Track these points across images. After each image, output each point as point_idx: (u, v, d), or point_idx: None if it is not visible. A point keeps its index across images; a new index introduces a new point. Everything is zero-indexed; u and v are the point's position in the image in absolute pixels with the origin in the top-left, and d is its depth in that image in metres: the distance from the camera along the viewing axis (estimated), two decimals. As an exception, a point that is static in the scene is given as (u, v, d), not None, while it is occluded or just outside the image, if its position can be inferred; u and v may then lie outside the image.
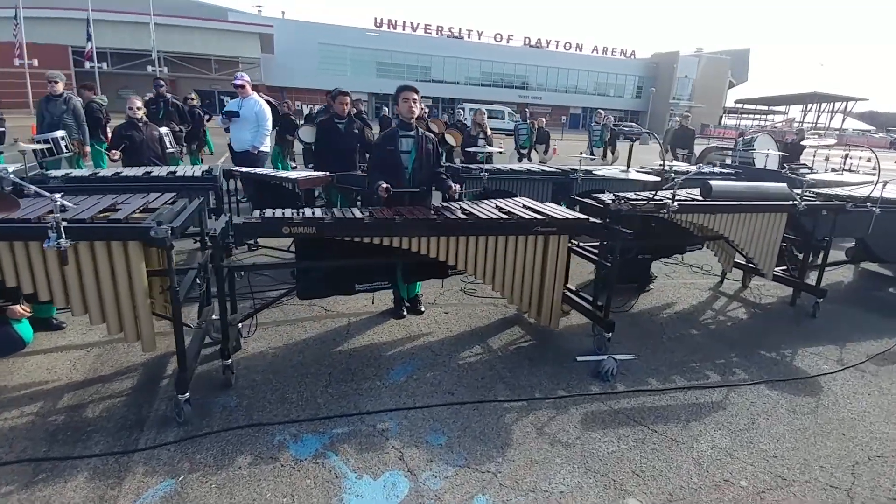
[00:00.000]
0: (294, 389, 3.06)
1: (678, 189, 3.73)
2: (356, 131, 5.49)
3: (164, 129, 7.64)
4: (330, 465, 2.45)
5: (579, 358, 3.56)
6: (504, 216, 3.31)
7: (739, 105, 44.95)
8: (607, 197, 3.86)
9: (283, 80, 39.41)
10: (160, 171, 4.97)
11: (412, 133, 3.77)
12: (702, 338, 4.00)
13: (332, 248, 3.27)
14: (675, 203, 3.65)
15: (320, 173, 5.11)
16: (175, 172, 4.91)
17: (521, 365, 3.45)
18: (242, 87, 5.89)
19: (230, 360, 3.04)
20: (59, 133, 6.73)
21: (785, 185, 4.01)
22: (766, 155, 7.41)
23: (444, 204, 3.58)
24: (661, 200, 3.73)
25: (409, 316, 4.16)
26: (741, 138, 10.69)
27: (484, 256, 3.38)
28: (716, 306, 4.71)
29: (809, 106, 32.70)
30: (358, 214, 3.13)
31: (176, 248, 3.25)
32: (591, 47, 48.14)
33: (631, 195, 3.85)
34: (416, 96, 3.70)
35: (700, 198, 3.83)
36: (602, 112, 11.63)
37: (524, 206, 3.64)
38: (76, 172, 4.97)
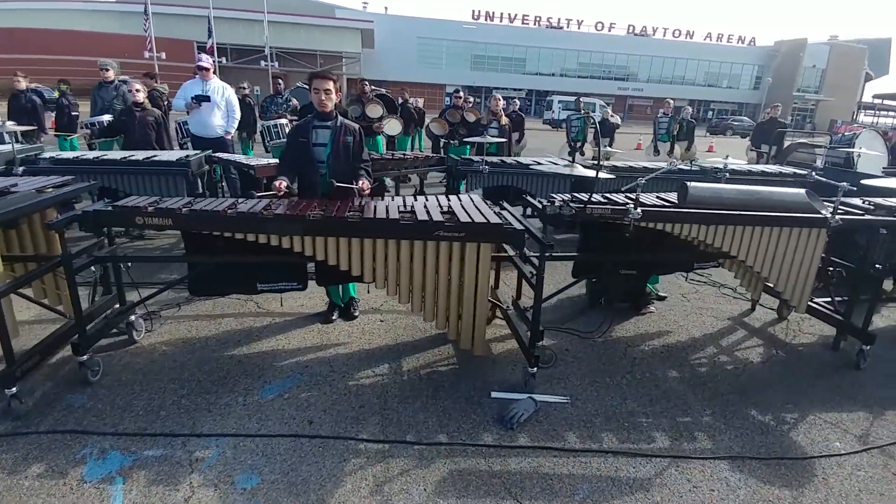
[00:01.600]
0: (147, 396, 2.76)
1: (642, 190, 2.89)
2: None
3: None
4: (108, 493, 2.10)
5: (494, 394, 2.89)
6: (401, 217, 2.74)
7: (878, 100, 38.44)
8: (562, 197, 3.11)
9: (382, 73, 40.49)
10: (140, 155, 4.98)
11: (329, 123, 3.30)
12: (678, 383, 3.12)
13: (221, 242, 2.91)
14: (639, 209, 2.83)
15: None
16: (153, 158, 4.89)
17: (420, 395, 2.87)
18: (207, 69, 5.76)
19: (85, 357, 2.81)
20: (106, 117, 7.15)
21: (803, 192, 2.97)
22: (858, 155, 5.90)
23: (355, 201, 3.07)
24: (622, 205, 2.92)
25: (339, 321, 3.72)
26: (840, 135, 8.82)
27: (384, 262, 2.86)
28: (725, 342, 3.72)
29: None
30: (222, 206, 2.74)
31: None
32: (703, 34, 43.94)
33: (589, 197, 3.06)
34: (329, 86, 3.20)
35: (676, 203, 2.95)
36: (671, 102, 10.20)
37: (449, 207, 3.01)
38: (65, 154, 5.14)
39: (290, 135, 3.40)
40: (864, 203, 3.49)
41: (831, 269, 3.68)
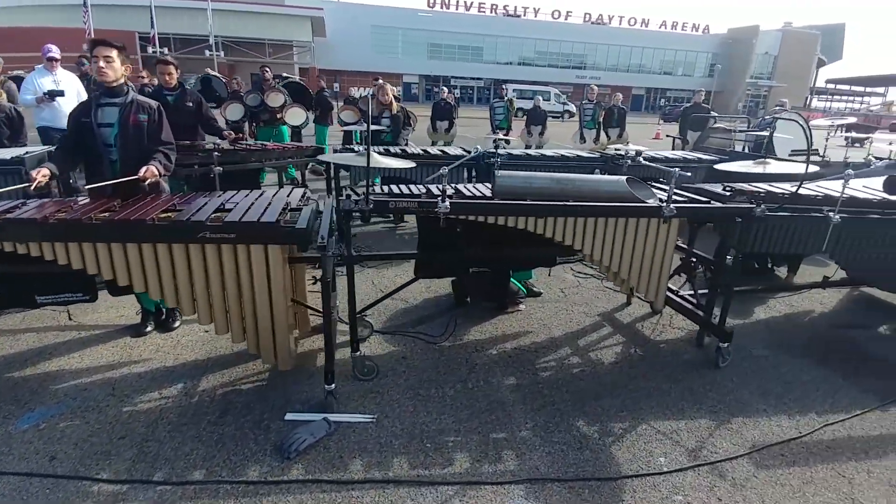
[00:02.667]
0: None
1: (451, 180, 2.55)
2: (189, 104, 4.66)
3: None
4: None
5: (289, 416, 2.53)
6: (153, 218, 2.34)
7: (831, 85, 39.70)
8: (375, 189, 2.75)
9: (335, 63, 39.53)
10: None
11: (117, 100, 2.86)
12: (511, 392, 2.82)
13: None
14: (447, 202, 2.49)
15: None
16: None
17: (200, 421, 2.48)
18: (57, 60, 5.28)
19: None
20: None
21: (623, 180, 2.68)
22: (757, 139, 5.76)
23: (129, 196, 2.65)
24: (434, 197, 2.58)
25: (155, 332, 3.30)
26: (759, 119, 8.74)
27: (155, 269, 2.44)
28: (585, 341, 3.45)
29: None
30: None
31: None
32: (658, 22, 44.33)
33: (410, 189, 2.72)
34: (111, 53, 2.77)
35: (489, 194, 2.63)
36: (595, 88, 9.98)
37: (235, 203, 2.62)
38: None
39: (70, 115, 2.93)
40: (723, 189, 3.24)
41: (693, 260, 3.44)
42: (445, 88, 11.13)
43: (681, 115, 9.36)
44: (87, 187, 2.57)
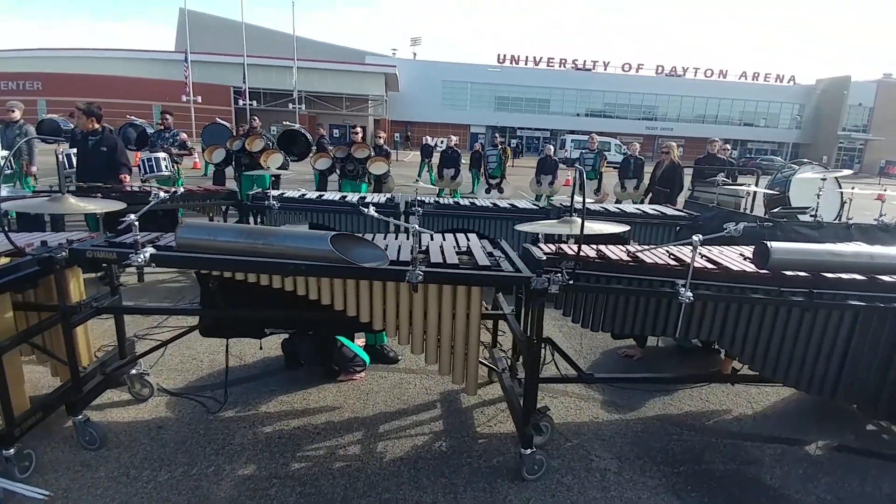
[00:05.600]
0: None
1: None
2: (103, 149, 4.87)
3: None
4: None
5: (-49, 488, 2.24)
6: None
7: (938, 139, 35.23)
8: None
9: (407, 115, 41.46)
10: None
11: None
12: (232, 487, 2.33)
13: None
14: (146, 252, 2.16)
15: None
16: None
17: None
18: None
19: None
20: (2, 153, 7.33)
21: (327, 236, 2.14)
22: (750, 194, 4.85)
23: None
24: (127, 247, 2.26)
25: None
26: (777, 173, 7.60)
27: None
28: (393, 426, 2.87)
29: None
30: None
31: None
32: (737, 73, 42.16)
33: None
34: None
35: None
36: (595, 137, 9.30)
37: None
38: None
39: None
40: (552, 250, 2.64)
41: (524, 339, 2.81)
42: (454, 137, 11.05)
43: (693, 168, 8.43)
44: None
